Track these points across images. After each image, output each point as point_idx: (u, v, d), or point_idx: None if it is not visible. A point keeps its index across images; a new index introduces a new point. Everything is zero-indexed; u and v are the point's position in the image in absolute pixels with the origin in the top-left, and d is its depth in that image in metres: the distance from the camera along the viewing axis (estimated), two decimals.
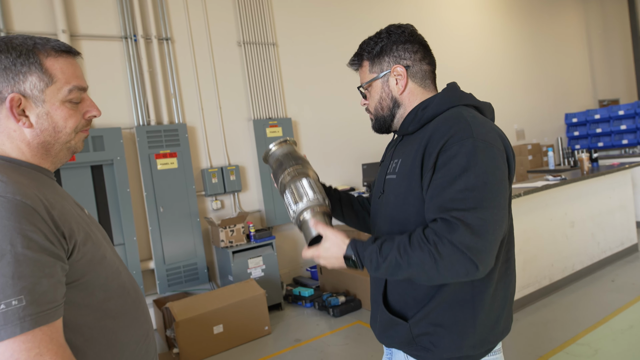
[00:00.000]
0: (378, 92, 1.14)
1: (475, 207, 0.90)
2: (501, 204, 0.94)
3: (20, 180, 0.79)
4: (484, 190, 0.91)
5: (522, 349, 2.82)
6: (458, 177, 0.92)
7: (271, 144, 1.28)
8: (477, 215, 0.90)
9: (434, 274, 0.92)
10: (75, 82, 0.87)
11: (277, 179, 1.22)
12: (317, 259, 1.06)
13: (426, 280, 0.96)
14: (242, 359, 3.17)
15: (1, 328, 0.68)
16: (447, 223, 0.91)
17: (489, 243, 0.90)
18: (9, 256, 0.69)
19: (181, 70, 4.31)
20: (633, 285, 3.69)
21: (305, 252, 1.08)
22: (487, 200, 0.91)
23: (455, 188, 0.92)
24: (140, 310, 0.95)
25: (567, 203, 3.92)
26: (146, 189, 3.91)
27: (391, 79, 1.11)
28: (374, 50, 1.12)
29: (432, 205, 0.96)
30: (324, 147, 5.16)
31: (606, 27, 9.40)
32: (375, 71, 1.13)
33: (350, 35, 5.32)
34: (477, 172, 0.92)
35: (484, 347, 1.04)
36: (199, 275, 4.10)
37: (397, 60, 1.10)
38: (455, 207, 0.91)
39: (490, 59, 7.11)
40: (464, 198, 0.91)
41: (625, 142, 7.29)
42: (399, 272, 0.95)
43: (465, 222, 0.89)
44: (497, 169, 0.95)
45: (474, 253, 0.89)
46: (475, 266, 0.89)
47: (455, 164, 0.93)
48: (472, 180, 0.91)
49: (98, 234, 0.91)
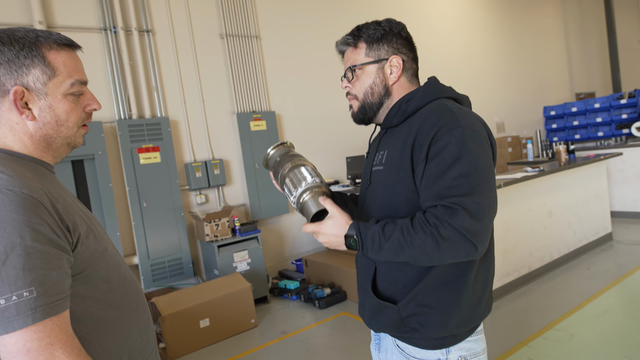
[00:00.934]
0: (371, 77, 1.14)
1: (471, 192, 0.96)
2: (492, 187, 1.00)
3: (25, 174, 0.79)
4: (477, 175, 0.97)
5: (502, 335, 2.92)
6: (451, 166, 0.97)
7: (269, 148, 1.30)
8: (474, 200, 0.95)
9: (435, 255, 0.96)
10: (77, 75, 0.88)
11: (277, 176, 1.21)
12: (316, 235, 1.07)
13: (426, 262, 0.99)
14: (229, 352, 3.19)
15: (13, 319, 0.70)
16: (447, 208, 0.95)
17: (486, 225, 0.96)
18: (19, 249, 0.71)
19: (163, 63, 4.25)
20: (607, 272, 3.83)
21: (305, 227, 1.08)
22: (480, 185, 0.97)
23: (449, 176, 0.97)
24: (140, 302, 0.97)
25: (545, 194, 4.04)
26: (129, 183, 3.87)
27: (386, 67, 1.13)
28: (375, 35, 1.12)
29: (428, 193, 1.00)
30: (308, 140, 5.18)
31: (583, 21, 9.61)
32: (372, 56, 1.13)
33: (333, 28, 5.32)
34: (468, 159, 0.97)
35: (468, 326, 1.09)
36: (184, 269, 4.08)
37: (395, 52, 1.13)
38: (451, 193, 0.96)
39: (471, 52, 7.20)
40: (460, 185, 0.96)
41: (600, 134, 7.51)
42: (401, 252, 0.98)
43: (464, 206, 0.94)
44: (486, 155, 1.01)
45: (473, 234, 0.94)
46: (474, 247, 0.95)
47: (447, 153, 0.97)
48: (465, 167, 0.96)
49: (98, 227, 0.93)
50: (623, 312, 3.08)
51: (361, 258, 1.22)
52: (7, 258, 0.70)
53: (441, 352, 1.08)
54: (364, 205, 1.20)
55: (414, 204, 1.06)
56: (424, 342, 1.09)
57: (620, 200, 5.65)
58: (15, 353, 0.70)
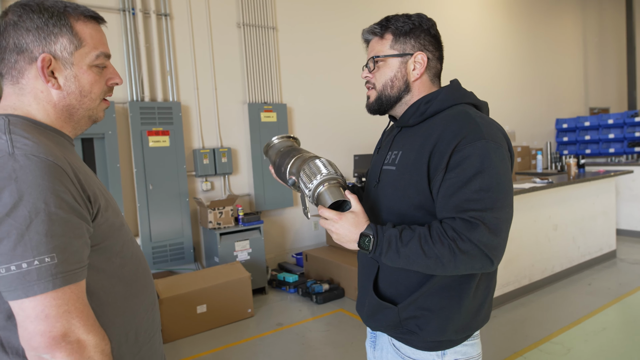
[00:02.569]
0: (393, 70, 1.11)
1: (491, 207, 0.95)
2: (511, 202, 1.00)
3: (48, 143, 0.80)
4: (497, 190, 0.96)
5: (498, 344, 2.91)
6: (473, 178, 0.96)
7: (274, 137, 1.27)
8: (493, 215, 0.95)
9: (450, 266, 0.96)
10: (102, 48, 0.89)
11: (281, 169, 1.19)
12: (330, 224, 1.04)
13: (440, 272, 0.99)
14: (224, 339, 3.21)
15: (35, 283, 0.71)
16: (467, 222, 0.95)
17: (503, 240, 0.97)
18: (43, 214, 0.71)
19: (178, 47, 4.26)
20: (608, 289, 3.80)
21: (323, 211, 1.05)
22: (500, 200, 0.96)
23: (470, 188, 0.96)
24: (149, 280, 0.98)
25: (552, 206, 4.00)
26: (136, 165, 3.88)
27: (410, 63, 1.10)
28: (403, 28, 1.09)
29: (446, 204, 0.99)
30: (317, 135, 5.17)
31: (602, 35, 9.49)
32: (397, 49, 1.10)
33: (350, 26, 5.29)
34: (490, 173, 0.96)
35: (465, 333, 1.09)
36: (184, 254, 4.10)
37: (421, 48, 1.10)
38: (472, 207, 0.95)
39: (488, 58, 7.14)
40: (480, 198, 0.95)
41: (612, 150, 7.43)
42: (417, 260, 0.97)
43: (484, 221, 0.94)
44: (507, 169, 1.00)
45: (490, 250, 0.95)
46: (490, 261, 0.96)
47: (469, 165, 0.96)
48: (486, 181, 0.95)
49: (115, 203, 0.94)
50: (622, 331, 3.06)
51: (363, 256, 1.21)
52: (31, 223, 0.70)
53: (437, 354, 1.08)
54: (370, 203, 1.18)
55: (426, 209, 1.04)
56: (421, 344, 1.08)
57: (627, 218, 5.59)
58: (34, 318, 0.71)
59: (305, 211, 1.13)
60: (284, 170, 1.17)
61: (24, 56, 0.82)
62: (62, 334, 0.72)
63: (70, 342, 0.73)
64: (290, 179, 1.13)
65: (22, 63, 0.83)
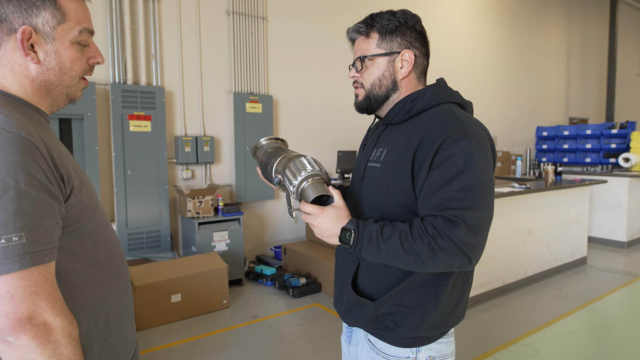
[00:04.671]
0: (381, 69, 1.10)
1: (472, 206, 0.95)
2: (492, 202, 1.00)
3: (21, 118, 0.77)
4: (479, 190, 0.96)
5: (469, 344, 2.96)
6: (455, 177, 0.96)
7: (262, 139, 1.28)
8: (474, 214, 0.95)
9: (429, 264, 0.96)
10: (85, 23, 0.86)
11: (267, 167, 1.18)
12: (312, 218, 1.04)
13: (418, 269, 0.99)
14: (198, 330, 3.17)
15: (0, 262, 0.68)
16: (448, 220, 0.95)
17: (482, 239, 0.97)
18: (12, 192, 0.68)
19: (165, 31, 4.17)
20: (578, 294, 3.91)
21: (305, 206, 1.04)
22: (481, 200, 0.96)
23: (453, 187, 0.96)
24: (123, 266, 0.96)
25: (528, 211, 4.09)
26: (115, 149, 3.79)
27: (397, 61, 1.10)
28: (389, 26, 1.08)
29: (428, 202, 0.99)
30: (302, 129, 5.15)
31: (586, 48, 9.72)
32: (384, 47, 1.09)
33: (341, 23, 5.28)
34: (473, 172, 0.96)
35: (440, 330, 1.10)
36: (161, 243, 4.04)
37: (407, 45, 1.10)
38: (453, 206, 0.95)
39: (474, 64, 7.23)
40: (462, 197, 0.95)
41: (588, 160, 7.64)
42: (396, 256, 0.97)
43: (464, 220, 0.94)
44: (489, 170, 1.00)
45: (469, 248, 0.95)
46: (469, 260, 0.96)
47: (452, 164, 0.96)
48: (469, 180, 0.96)
49: (90, 185, 0.91)
50: (588, 335, 3.15)
51: (343, 252, 1.21)
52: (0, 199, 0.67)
53: (411, 351, 1.09)
54: (354, 200, 1.18)
55: (408, 207, 1.04)
56: (396, 340, 1.09)
57: (599, 226, 5.76)
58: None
59: (290, 210, 1.13)
60: (270, 169, 1.17)
61: (3, 27, 0.79)
62: (27, 316, 0.70)
63: (36, 324, 0.70)
64: (276, 177, 1.13)
65: (0, 34, 0.79)
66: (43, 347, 0.71)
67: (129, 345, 0.96)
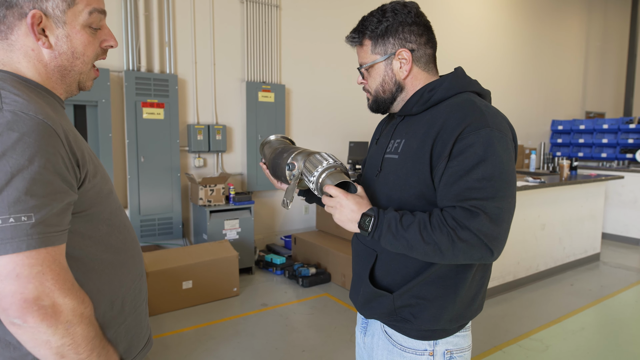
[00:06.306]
0: (380, 74, 1.09)
1: (493, 196, 0.93)
2: (513, 192, 0.98)
3: (39, 102, 0.77)
4: (500, 179, 0.94)
5: (479, 338, 2.95)
6: (475, 166, 0.93)
7: (271, 135, 1.29)
8: (495, 205, 0.93)
9: (448, 254, 0.94)
10: (95, 4, 0.85)
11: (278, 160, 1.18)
12: (335, 202, 1.03)
13: (437, 260, 0.97)
14: (208, 316, 3.21)
15: (7, 241, 0.68)
16: (467, 211, 0.93)
17: (504, 230, 0.94)
18: (25, 172, 0.68)
19: (178, 18, 4.16)
20: (589, 291, 3.87)
21: (330, 188, 1.04)
22: (502, 190, 0.94)
23: (473, 177, 0.93)
24: (137, 250, 0.96)
25: (541, 206, 4.04)
26: (129, 136, 3.82)
27: (395, 62, 1.07)
28: (378, 30, 1.06)
29: (448, 192, 0.97)
30: (313, 119, 5.12)
31: (605, 40, 9.48)
32: (379, 52, 1.08)
33: (354, 11, 5.21)
34: (494, 161, 0.93)
35: (459, 322, 1.09)
36: (173, 230, 4.08)
37: (402, 43, 1.06)
38: (473, 196, 0.93)
39: (489, 55, 7.10)
40: (482, 187, 0.93)
41: (604, 155, 7.49)
42: (415, 245, 0.96)
43: (485, 210, 0.92)
44: (510, 159, 0.98)
45: (490, 240, 0.92)
46: (490, 252, 0.94)
47: (472, 153, 0.94)
48: (489, 169, 0.93)
49: (104, 170, 0.91)
50: (600, 332, 3.12)
51: (360, 245, 1.20)
52: (12, 179, 0.67)
53: (429, 344, 1.08)
54: (370, 193, 1.16)
55: (427, 198, 1.02)
56: (414, 333, 1.08)
57: (613, 223, 5.67)
58: (4, 276, 0.69)
59: (285, 202, 1.12)
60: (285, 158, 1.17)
61: (13, 11, 0.78)
62: (34, 296, 0.69)
63: (43, 306, 0.70)
64: (292, 164, 1.14)
65: (11, 18, 0.78)
66: (54, 328, 0.72)
67: (143, 330, 0.97)
